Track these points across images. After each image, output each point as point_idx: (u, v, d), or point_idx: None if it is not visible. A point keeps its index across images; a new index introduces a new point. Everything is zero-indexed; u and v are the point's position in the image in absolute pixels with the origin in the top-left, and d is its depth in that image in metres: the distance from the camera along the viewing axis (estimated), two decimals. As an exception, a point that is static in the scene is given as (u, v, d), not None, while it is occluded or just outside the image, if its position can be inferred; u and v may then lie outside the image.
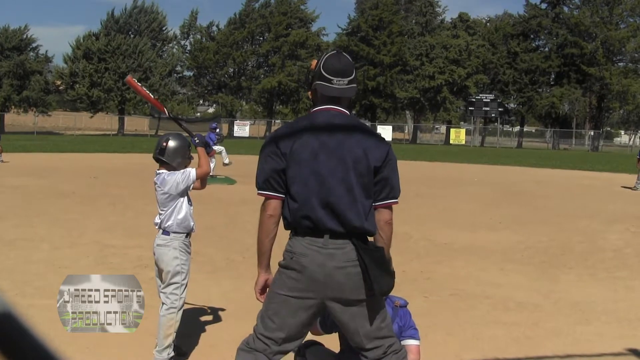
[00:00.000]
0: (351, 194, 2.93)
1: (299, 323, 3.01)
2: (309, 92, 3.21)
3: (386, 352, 3.05)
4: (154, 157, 4.99)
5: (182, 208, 4.91)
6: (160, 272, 4.88)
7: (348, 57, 3.16)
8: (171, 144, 4.95)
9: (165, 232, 4.85)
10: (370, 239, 3.08)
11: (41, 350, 0.74)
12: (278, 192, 2.97)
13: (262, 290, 3.11)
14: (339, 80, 3.03)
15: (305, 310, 2.98)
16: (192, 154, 5.17)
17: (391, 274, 2.99)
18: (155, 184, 4.90)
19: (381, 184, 3.00)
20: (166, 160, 4.89)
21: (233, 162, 18.69)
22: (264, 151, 3.03)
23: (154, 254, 4.90)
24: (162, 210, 4.88)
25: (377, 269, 2.89)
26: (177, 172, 4.88)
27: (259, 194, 3.02)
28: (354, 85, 3.11)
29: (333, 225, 2.90)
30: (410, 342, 3.77)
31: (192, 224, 5.02)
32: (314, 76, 3.10)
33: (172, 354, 4.78)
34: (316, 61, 3.16)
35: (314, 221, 2.91)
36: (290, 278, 2.94)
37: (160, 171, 4.93)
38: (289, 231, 3.07)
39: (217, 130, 19.11)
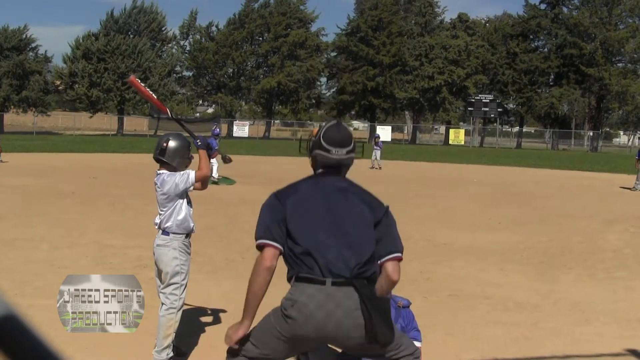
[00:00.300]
0: (353, 242, 2.97)
1: (287, 354, 3.08)
2: (310, 159, 3.27)
3: (400, 357, 3.08)
4: (154, 158, 5.00)
5: (182, 209, 4.91)
6: (159, 272, 4.89)
7: (347, 128, 3.28)
8: (171, 144, 4.96)
9: (165, 232, 4.85)
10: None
11: (42, 350, 0.74)
12: (277, 242, 2.97)
13: (240, 340, 3.08)
14: (338, 150, 3.12)
15: (296, 350, 3.07)
16: (192, 154, 5.17)
17: (391, 326, 2.98)
18: (155, 184, 4.91)
19: (383, 241, 3.04)
20: (166, 160, 4.90)
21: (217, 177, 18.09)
22: (265, 204, 3.10)
23: (154, 254, 4.90)
24: (161, 211, 4.88)
25: (380, 317, 2.89)
26: (177, 173, 4.89)
27: (258, 244, 2.99)
28: (352, 155, 3.21)
29: (336, 272, 2.90)
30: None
31: (191, 225, 5.02)
32: (314, 145, 3.19)
33: (172, 354, 4.78)
34: (317, 130, 3.28)
35: (316, 269, 2.91)
36: (289, 324, 2.92)
37: (161, 171, 4.93)
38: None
39: (218, 133, 19.07)
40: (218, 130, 19.41)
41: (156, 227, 4.93)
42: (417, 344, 3.84)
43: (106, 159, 27.83)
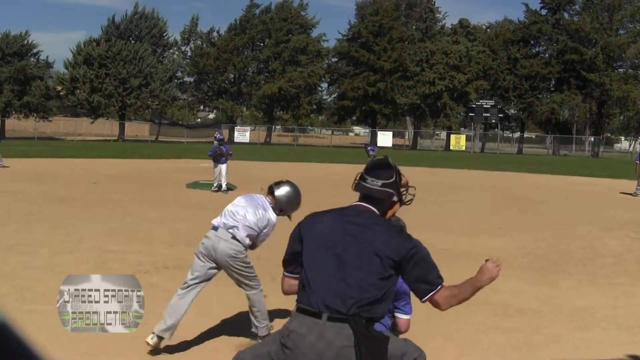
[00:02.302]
0: (358, 281, 2.95)
1: None
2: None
3: None
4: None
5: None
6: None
7: (392, 164, 3.28)
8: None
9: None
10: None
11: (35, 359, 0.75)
12: (293, 273, 3.16)
13: None
14: (373, 180, 3.17)
15: None
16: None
17: None
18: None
19: (417, 283, 3.06)
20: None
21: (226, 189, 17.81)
22: (292, 233, 3.23)
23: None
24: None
25: (370, 356, 2.86)
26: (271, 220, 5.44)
27: (284, 274, 3.24)
28: (387, 190, 3.18)
29: (335, 304, 2.90)
30: (401, 316, 3.93)
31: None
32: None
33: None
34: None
35: (314, 301, 2.93)
36: (285, 354, 2.97)
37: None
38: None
39: (222, 138, 18.98)
40: (221, 135, 19.39)
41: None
42: (406, 317, 3.88)
43: (107, 165, 27.84)
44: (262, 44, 71.54)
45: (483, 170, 33.00)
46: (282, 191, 5.56)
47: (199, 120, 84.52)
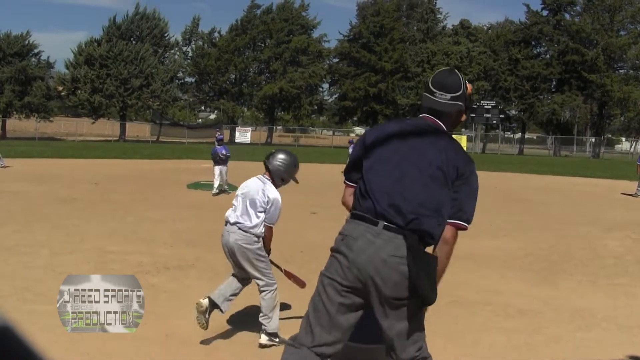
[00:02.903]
0: (423, 193, 2.92)
1: (342, 314, 2.98)
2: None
3: (415, 357, 3.02)
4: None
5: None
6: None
7: (460, 75, 3.20)
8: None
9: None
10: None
11: None
12: (352, 181, 3.15)
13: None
14: (442, 95, 3.10)
15: (347, 300, 2.96)
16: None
17: (433, 286, 2.95)
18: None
19: (453, 202, 2.99)
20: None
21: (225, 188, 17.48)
22: (357, 140, 3.23)
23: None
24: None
25: (421, 272, 2.84)
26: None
27: (344, 182, 3.22)
28: (458, 102, 3.14)
29: (391, 216, 2.88)
30: None
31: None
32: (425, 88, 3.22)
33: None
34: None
35: (374, 208, 2.91)
36: (339, 263, 2.93)
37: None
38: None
39: (222, 138, 18.76)
40: (221, 135, 19.22)
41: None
42: None
43: (108, 165, 27.85)
44: (263, 45, 71.57)
45: (484, 171, 32.90)
46: (275, 161, 5.57)
47: (200, 120, 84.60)
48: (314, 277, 3.25)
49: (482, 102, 65.95)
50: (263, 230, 5.32)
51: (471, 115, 66.34)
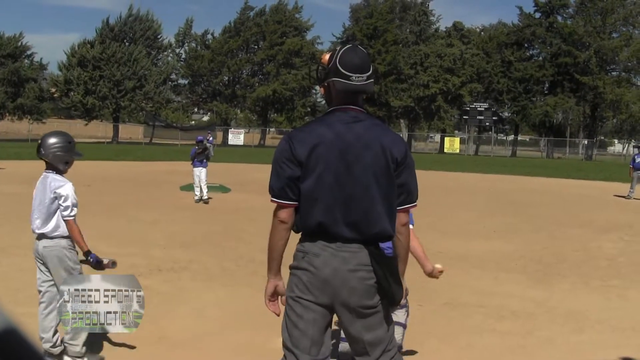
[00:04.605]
0: (369, 198, 2.86)
1: (317, 327, 2.92)
2: (321, 89, 3.08)
3: (385, 350, 2.99)
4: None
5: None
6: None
7: (364, 50, 3.04)
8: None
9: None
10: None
11: None
12: (292, 200, 2.88)
13: (272, 297, 3.01)
14: (358, 77, 2.91)
15: (318, 314, 2.91)
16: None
17: (400, 284, 2.94)
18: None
19: (399, 189, 2.93)
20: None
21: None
22: (279, 156, 2.91)
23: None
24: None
25: (387, 274, 2.84)
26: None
27: (272, 201, 2.92)
28: (372, 80, 3.01)
29: (347, 231, 2.85)
30: None
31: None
32: (329, 72, 2.96)
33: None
34: (328, 55, 3.04)
35: (327, 227, 2.85)
36: (301, 280, 2.88)
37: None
38: (299, 233, 3.00)
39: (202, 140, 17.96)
40: (201, 137, 18.02)
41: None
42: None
43: (101, 167, 27.75)
44: (256, 47, 71.53)
45: (477, 173, 33.04)
46: (50, 150, 5.22)
47: (193, 122, 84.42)
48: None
49: (475, 104, 66.09)
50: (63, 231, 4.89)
51: (464, 117, 66.55)
